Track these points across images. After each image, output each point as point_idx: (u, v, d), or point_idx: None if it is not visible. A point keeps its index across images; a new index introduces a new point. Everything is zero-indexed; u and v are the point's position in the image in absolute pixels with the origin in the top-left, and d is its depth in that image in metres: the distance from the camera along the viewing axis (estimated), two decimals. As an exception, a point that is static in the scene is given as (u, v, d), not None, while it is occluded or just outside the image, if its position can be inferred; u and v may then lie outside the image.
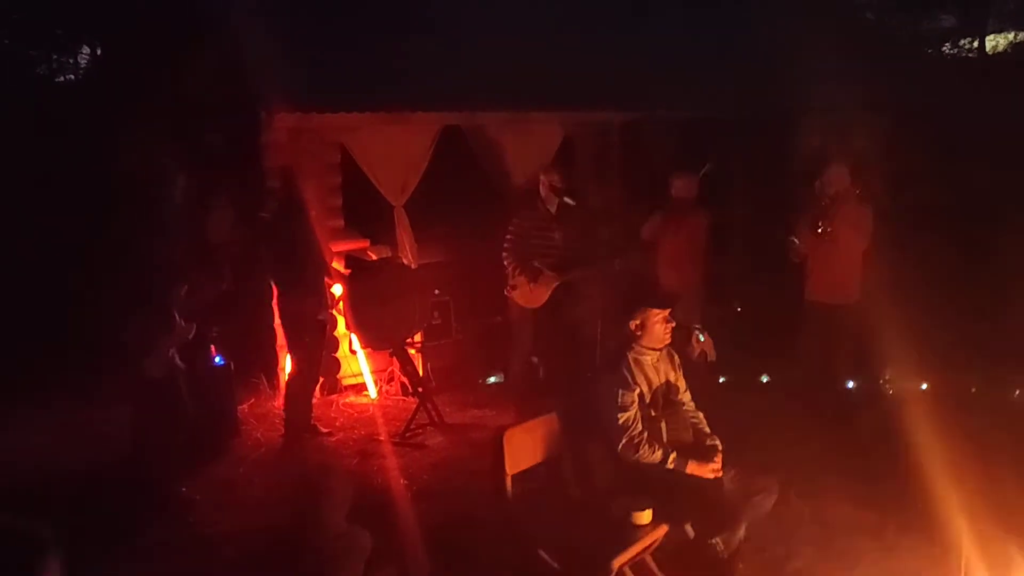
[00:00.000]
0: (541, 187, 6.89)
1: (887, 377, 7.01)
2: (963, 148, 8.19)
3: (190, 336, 5.27)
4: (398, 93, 7.25)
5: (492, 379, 7.84)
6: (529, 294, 6.81)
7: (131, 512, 5.17)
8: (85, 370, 6.70)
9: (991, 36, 17.41)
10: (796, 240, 6.50)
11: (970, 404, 6.34)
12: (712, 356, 5.26)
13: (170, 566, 4.75)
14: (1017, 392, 6.67)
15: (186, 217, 5.66)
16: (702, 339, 4.88)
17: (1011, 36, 17.57)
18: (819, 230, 6.30)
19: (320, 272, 6.44)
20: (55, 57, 12.66)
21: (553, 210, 6.86)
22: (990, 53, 17.08)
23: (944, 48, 16.76)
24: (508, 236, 6.85)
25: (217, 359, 6.42)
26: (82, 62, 12.81)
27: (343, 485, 3.75)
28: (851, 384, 6.86)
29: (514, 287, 6.84)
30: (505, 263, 6.86)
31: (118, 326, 5.15)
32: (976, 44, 16.93)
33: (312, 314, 6.36)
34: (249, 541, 4.88)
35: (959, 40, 16.95)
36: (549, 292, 6.81)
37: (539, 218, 6.86)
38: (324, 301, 6.53)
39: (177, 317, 5.15)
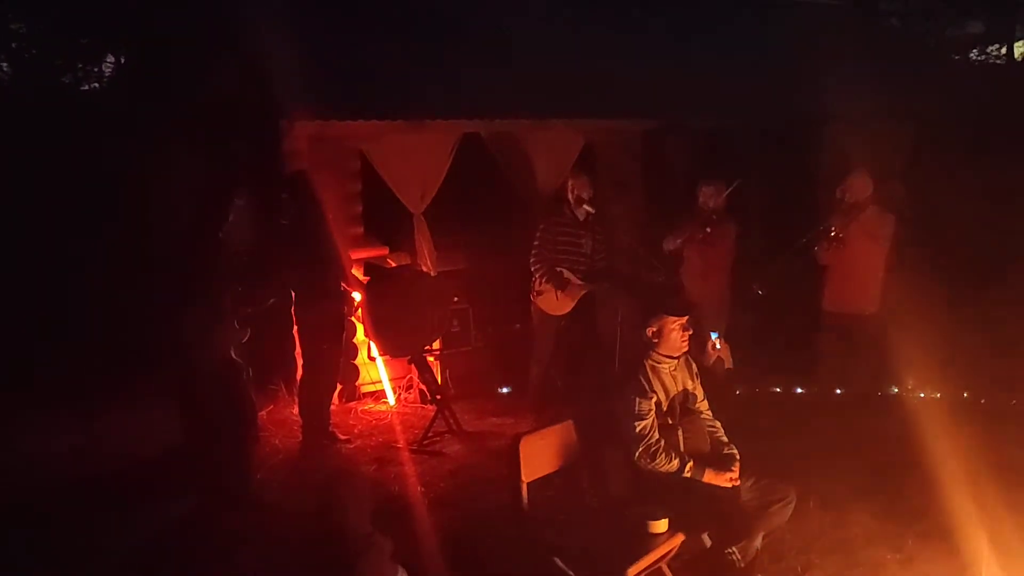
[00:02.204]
0: (569, 194, 6.89)
1: (908, 387, 6.94)
2: (991, 156, 8.11)
3: (244, 340, 5.36)
4: (418, 101, 7.28)
5: (503, 390, 7.79)
6: (555, 301, 6.80)
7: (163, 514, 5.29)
8: (125, 371, 6.81)
9: (1019, 42, 17.25)
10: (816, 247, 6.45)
11: (989, 414, 6.25)
12: (729, 363, 5.23)
13: (187, 571, 4.77)
14: None
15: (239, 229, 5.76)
16: (718, 346, 4.85)
17: (1040, 42, 17.41)
18: (832, 234, 6.24)
19: (338, 278, 6.46)
20: (80, 66, 12.75)
21: (581, 217, 6.85)
22: (1019, 59, 16.93)
23: (971, 55, 16.63)
24: (536, 242, 6.86)
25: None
26: (107, 71, 12.90)
27: (366, 487, 3.78)
28: (870, 394, 6.79)
29: (540, 293, 6.84)
30: (532, 268, 6.86)
31: (171, 323, 5.24)
32: (1004, 51, 16.78)
33: (330, 320, 6.39)
34: (266, 546, 4.89)
35: (987, 47, 16.82)
36: (575, 301, 6.80)
37: (567, 225, 6.86)
38: (342, 307, 6.56)
39: (232, 320, 5.26)
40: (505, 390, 7.69)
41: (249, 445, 5.63)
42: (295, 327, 6.63)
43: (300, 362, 6.66)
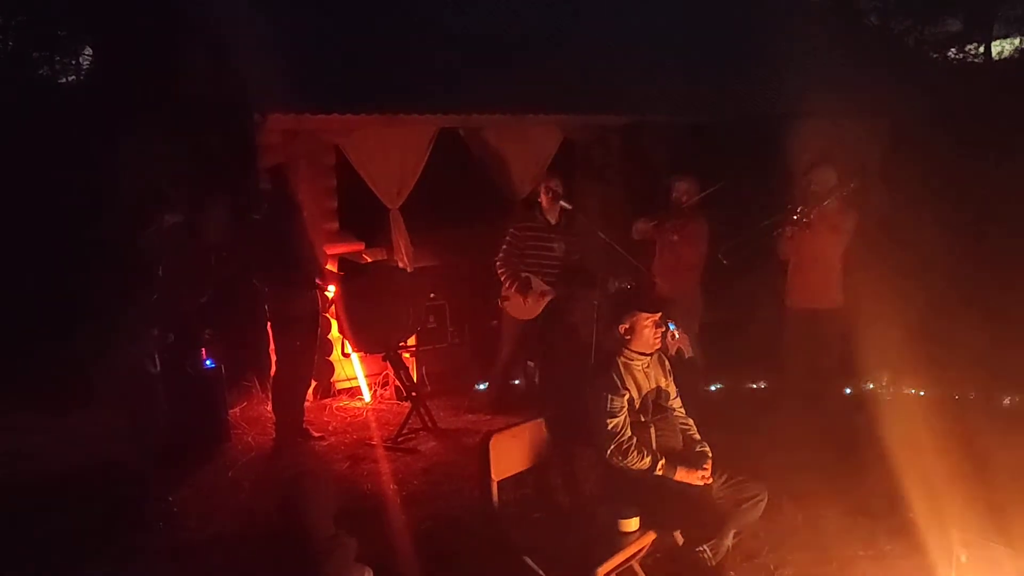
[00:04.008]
0: (542, 196, 6.83)
1: (882, 382, 6.95)
2: (968, 154, 8.13)
3: (166, 343, 5.27)
4: (394, 95, 7.22)
5: (480, 386, 7.75)
6: (521, 306, 6.78)
7: (116, 516, 5.18)
8: (67, 374, 6.72)
9: (997, 41, 17.34)
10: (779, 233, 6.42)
11: (961, 410, 6.27)
12: (689, 352, 5.20)
13: (157, 571, 4.72)
14: (1008, 399, 6.60)
15: (175, 230, 5.68)
16: (677, 336, 4.83)
17: (1017, 41, 17.50)
18: (796, 216, 6.22)
19: (312, 274, 6.41)
20: (58, 59, 12.61)
21: (553, 220, 6.80)
22: (996, 58, 17.00)
23: (950, 53, 16.68)
24: (504, 246, 6.81)
25: (208, 362, 6.38)
26: (84, 64, 12.78)
27: (328, 488, 3.74)
28: (840, 389, 6.79)
29: (506, 298, 6.82)
30: (498, 273, 6.82)
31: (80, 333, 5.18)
32: (982, 49, 16.85)
33: (304, 316, 6.34)
34: (237, 545, 4.85)
35: (965, 45, 16.87)
36: (542, 306, 6.75)
37: (538, 228, 6.80)
38: (317, 302, 6.50)
39: (150, 326, 5.16)
40: (481, 387, 7.64)
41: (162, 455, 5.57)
42: (269, 323, 6.58)
43: (274, 358, 6.60)
